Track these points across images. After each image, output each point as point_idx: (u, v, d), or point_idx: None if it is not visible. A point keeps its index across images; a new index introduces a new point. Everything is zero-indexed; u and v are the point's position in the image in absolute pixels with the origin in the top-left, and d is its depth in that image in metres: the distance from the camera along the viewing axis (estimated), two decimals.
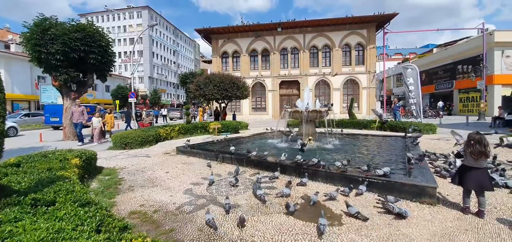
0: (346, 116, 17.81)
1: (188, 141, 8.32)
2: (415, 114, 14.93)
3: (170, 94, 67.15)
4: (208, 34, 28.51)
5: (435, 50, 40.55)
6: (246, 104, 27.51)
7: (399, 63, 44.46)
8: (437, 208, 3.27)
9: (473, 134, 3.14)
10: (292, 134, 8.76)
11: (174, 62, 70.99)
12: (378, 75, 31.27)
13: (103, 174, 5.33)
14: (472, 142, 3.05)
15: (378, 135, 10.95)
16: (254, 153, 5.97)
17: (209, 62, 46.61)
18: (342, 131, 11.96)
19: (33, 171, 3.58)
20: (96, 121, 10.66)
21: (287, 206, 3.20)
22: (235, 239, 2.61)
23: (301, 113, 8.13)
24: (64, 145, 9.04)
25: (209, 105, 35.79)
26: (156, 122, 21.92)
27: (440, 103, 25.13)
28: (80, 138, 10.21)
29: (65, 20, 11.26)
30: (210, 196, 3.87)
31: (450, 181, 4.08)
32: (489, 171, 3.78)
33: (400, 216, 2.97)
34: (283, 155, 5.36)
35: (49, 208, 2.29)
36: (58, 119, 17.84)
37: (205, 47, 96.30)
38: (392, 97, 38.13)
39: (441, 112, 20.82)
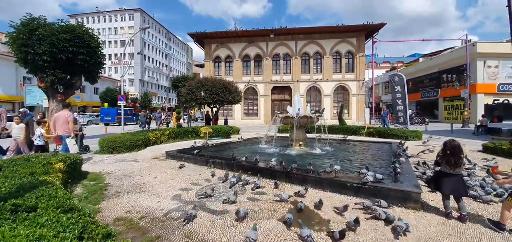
0: (336, 122, 18.10)
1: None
2: (402, 121, 15.36)
3: (161, 97, 66.28)
4: (201, 39, 28.54)
5: (421, 59, 42.10)
6: (238, 109, 27.54)
7: (387, 71, 45.87)
8: (421, 213, 3.37)
9: (448, 142, 3.28)
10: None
11: (166, 66, 70.33)
12: (367, 83, 32.09)
13: (89, 179, 5.18)
14: (447, 151, 3.19)
15: (367, 140, 11.19)
16: (244, 158, 5.98)
17: (202, 66, 46.48)
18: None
19: (15, 175, 3.45)
20: (16, 130, 7.17)
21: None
22: None
23: (292, 119, 8.21)
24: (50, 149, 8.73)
25: (195, 110, 35.55)
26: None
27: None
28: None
29: (54, 21, 11.01)
30: (199, 202, 3.83)
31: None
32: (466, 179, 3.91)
33: (387, 221, 3.04)
34: (273, 160, 5.39)
35: (30, 214, 2.21)
36: (110, 118, 28.24)
37: (198, 52, 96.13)
38: (381, 104, 39.15)
39: (426, 120, 21.49)
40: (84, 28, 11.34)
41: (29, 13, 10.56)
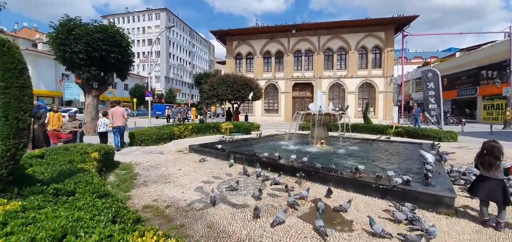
0: (361, 120, 17.37)
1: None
2: (435, 121, 14.29)
3: (185, 94, 68.69)
4: (222, 36, 28.94)
5: (457, 54, 38.65)
6: (258, 105, 27.58)
7: (419, 67, 42.79)
8: (454, 219, 3.12)
9: (487, 141, 3.00)
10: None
11: (189, 63, 72.60)
12: (395, 80, 30.26)
13: (120, 168, 5.56)
14: (484, 151, 2.93)
15: (395, 141, 10.58)
16: (265, 154, 6.00)
17: (223, 63, 47.28)
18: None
19: (56, 162, 3.80)
20: None
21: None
22: (243, 239, 2.63)
23: (314, 116, 8.04)
24: (85, 140, 9.50)
25: (216, 106, 36.42)
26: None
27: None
28: None
29: (88, 21, 11.89)
30: (220, 195, 3.92)
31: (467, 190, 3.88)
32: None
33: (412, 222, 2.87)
34: (293, 156, 5.34)
35: (69, 198, 2.43)
36: (160, 113, 31.98)
37: (219, 49, 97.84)
38: (411, 102, 36.75)
39: (463, 119, 19.70)
40: (115, 28, 12.10)
41: (67, 14, 11.50)
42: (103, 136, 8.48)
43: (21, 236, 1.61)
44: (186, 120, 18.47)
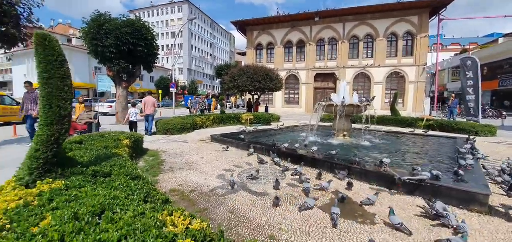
0: (388, 112, 16.52)
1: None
2: (472, 113, 13.10)
3: (206, 85, 70.24)
4: (243, 26, 28.83)
5: (500, 39, 34.59)
6: (278, 96, 27.37)
7: (456, 54, 39.12)
8: (487, 218, 2.91)
9: None
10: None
11: (210, 55, 73.76)
12: (429, 69, 28.05)
13: (148, 155, 5.94)
14: None
15: (425, 134, 9.92)
16: (285, 145, 6.00)
17: (244, 54, 47.36)
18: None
19: (93, 147, 4.17)
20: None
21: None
22: (263, 225, 2.71)
23: (336, 107, 7.81)
24: (116, 128, 10.23)
25: (236, 97, 36.75)
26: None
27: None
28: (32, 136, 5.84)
29: (117, 16, 12.54)
30: (241, 182, 4.03)
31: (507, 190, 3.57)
32: None
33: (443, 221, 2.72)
34: (314, 148, 5.28)
35: (106, 178, 2.68)
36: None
37: (239, 40, 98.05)
38: (446, 93, 34.00)
39: (504, 113, 17.72)
40: (141, 22, 12.65)
41: (97, 10, 12.19)
42: (133, 124, 9.31)
43: (65, 211, 1.82)
44: (206, 111, 18.96)
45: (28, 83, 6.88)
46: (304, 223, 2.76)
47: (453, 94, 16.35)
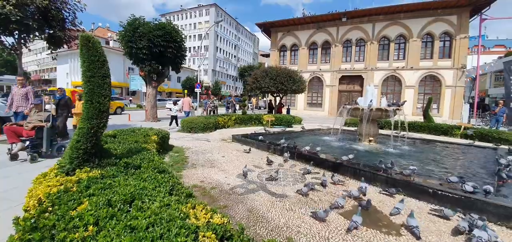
0: (420, 118, 15.42)
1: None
2: None
3: (229, 86, 71.60)
4: (267, 28, 28.93)
5: None
6: (301, 99, 26.96)
7: (500, 57, 35.25)
8: None
9: None
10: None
11: (235, 56, 75.08)
12: (469, 72, 25.61)
13: (173, 151, 6.24)
14: None
15: (462, 143, 9.09)
16: (307, 148, 5.92)
17: (267, 55, 47.43)
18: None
19: (125, 141, 4.51)
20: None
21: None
22: (281, 226, 2.71)
23: (362, 112, 7.50)
24: (145, 125, 10.89)
25: (257, 98, 36.65)
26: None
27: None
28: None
29: (150, 20, 13.37)
30: (260, 183, 4.07)
31: None
32: None
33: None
34: (339, 154, 5.13)
35: (136, 170, 2.89)
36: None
37: (263, 41, 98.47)
38: (487, 100, 30.79)
39: None
40: (172, 26, 13.33)
41: (133, 14, 13.13)
42: (174, 118, 12.02)
43: (100, 198, 2.01)
44: (216, 109, 19.55)
45: (22, 78, 6.24)
46: (324, 228, 2.71)
47: (501, 101, 14.60)
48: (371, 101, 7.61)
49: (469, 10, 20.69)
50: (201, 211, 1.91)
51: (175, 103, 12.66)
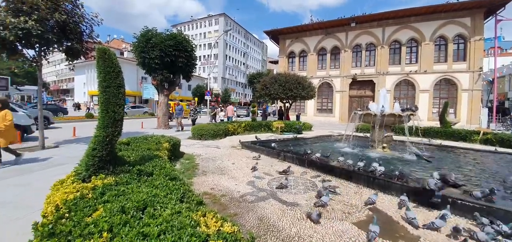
0: (436, 124, 14.90)
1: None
2: None
3: (239, 93, 72.14)
4: (276, 35, 29.14)
5: None
6: (311, 105, 26.74)
7: None
8: None
9: None
10: None
11: (243, 64, 75.86)
12: (485, 75, 24.66)
13: (184, 158, 6.31)
14: None
15: (481, 149, 8.68)
16: (317, 155, 5.83)
17: (276, 62, 47.61)
18: (429, 140, 10.10)
19: (138, 149, 4.61)
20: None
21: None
22: (293, 236, 2.65)
23: (375, 117, 7.33)
24: (157, 132, 11.11)
25: (267, 104, 36.51)
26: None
27: None
28: None
29: (162, 30, 13.80)
30: (271, 191, 4.02)
31: None
32: None
33: None
34: (349, 160, 5.02)
35: (148, 178, 2.94)
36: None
37: (272, 48, 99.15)
38: (507, 103, 29.38)
39: None
40: (182, 36, 13.71)
41: (146, 26, 13.60)
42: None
43: (114, 204, 2.05)
44: (199, 114, 20.20)
45: None
46: (337, 238, 2.63)
47: None
48: (383, 106, 7.45)
49: (483, 11, 20.07)
50: (212, 219, 1.90)
51: (221, 110, 16.82)
